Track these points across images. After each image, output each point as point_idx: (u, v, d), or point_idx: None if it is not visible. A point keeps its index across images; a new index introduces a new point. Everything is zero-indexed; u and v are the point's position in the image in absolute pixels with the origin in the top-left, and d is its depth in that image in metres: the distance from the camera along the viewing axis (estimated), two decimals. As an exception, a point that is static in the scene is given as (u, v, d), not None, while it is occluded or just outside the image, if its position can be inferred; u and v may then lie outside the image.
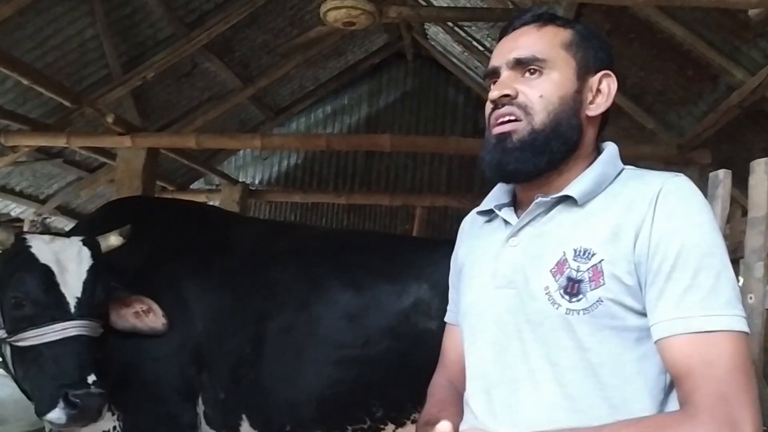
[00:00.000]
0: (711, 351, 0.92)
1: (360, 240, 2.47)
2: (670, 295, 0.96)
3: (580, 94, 1.11)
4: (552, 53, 1.11)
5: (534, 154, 1.09)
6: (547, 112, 1.09)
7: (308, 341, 2.19)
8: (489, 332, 1.11)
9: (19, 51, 3.97)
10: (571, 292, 1.01)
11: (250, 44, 5.42)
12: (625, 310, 0.99)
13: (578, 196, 1.06)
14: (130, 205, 2.70)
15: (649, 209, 1.00)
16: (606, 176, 1.09)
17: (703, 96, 3.73)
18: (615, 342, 0.99)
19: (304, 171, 7.47)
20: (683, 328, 0.94)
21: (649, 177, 1.06)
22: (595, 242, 1.02)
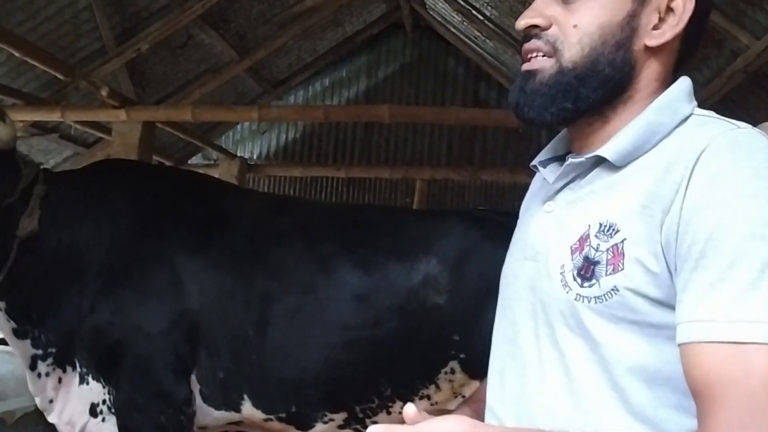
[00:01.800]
0: (737, 367, 0.70)
1: (366, 217, 2.43)
2: (696, 289, 0.74)
3: (637, 17, 0.87)
4: None
5: (554, 100, 0.89)
6: (581, 47, 0.87)
7: (316, 323, 2.17)
8: (511, 308, 0.98)
9: (10, 23, 3.90)
10: (584, 275, 0.83)
11: (245, 15, 5.34)
12: (650, 303, 0.79)
13: (614, 157, 0.85)
14: (124, 168, 2.65)
15: (686, 173, 0.76)
16: (658, 128, 0.85)
17: (707, 61, 3.68)
18: (636, 339, 0.80)
19: (302, 145, 7.43)
20: (704, 335, 0.72)
21: (706, 128, 0.81)
22: (621, 215, 0.82)
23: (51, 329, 2.24)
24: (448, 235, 2.29)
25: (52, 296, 2.23)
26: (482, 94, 7.10)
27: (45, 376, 2.26)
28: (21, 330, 2.25)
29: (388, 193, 7.21)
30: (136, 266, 2.23)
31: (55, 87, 4.63)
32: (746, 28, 3.24)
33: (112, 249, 2.24)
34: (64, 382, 2.27)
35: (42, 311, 2.23)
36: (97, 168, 2.66)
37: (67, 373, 2.26)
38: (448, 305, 2.18)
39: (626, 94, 0.89)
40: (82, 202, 2.32)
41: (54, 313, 2.23)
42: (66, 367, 2.26)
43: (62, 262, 2.24)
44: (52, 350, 2.24)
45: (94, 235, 2.27)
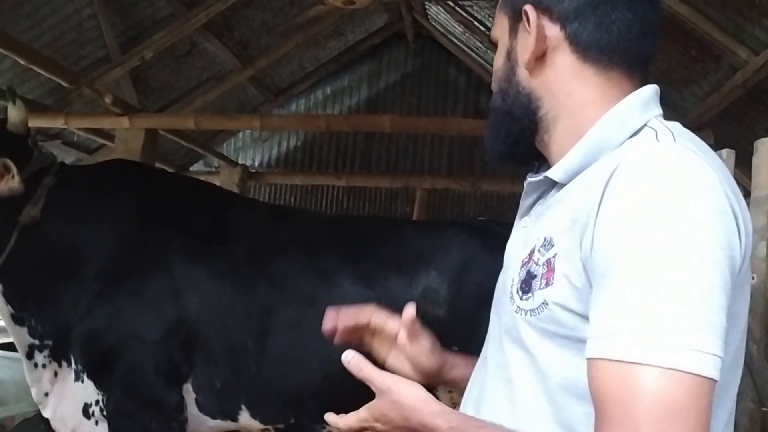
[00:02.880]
0: (623, 387, 0.69)
1: (367, 229, 2.44)
2: (598, 306, 0.74)
3: (512, 51, 0.94)
4: (500, 25, 0.98)
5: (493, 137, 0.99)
6: (498, 89, 0.97)
7: (316, 336, 2.17)
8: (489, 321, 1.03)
9: (16, 30, 3.92)
10: (524, 289, 0.85)
11: (249, 24, 5.37)
12: (576, 318, 0.79)
13: (561, 177, 0.87)
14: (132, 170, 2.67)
15: (600, 190, 0.77)
16: (604, 144, 0.84)
17: (706, 76, 3.71)
18: (567, 354, 0.80)
19: (303, 153, 7.45)
20: (600, 351, 0.72)
21: (630, 144, 0.82)
22: (556, 231, 0.83)
23: (47, 321, 2.27)
24: (448, 246, 2.30)
25: (49, 288, 2.26)
26: (483, 103, 7.13)
27: (42, 368, 2.29)
28: (18, 316, 2.29)
29: (388, 202, 7.22)
30: (136, 272, 2.24)
31: (59, 94, 4.65)
32: (745, 43, 3.27)
33: (113, 251, 2.26)
34: (60, 377, 2.29)
35: (39, 301, 2.26)
36: (106, 167, 2.69)
37: (62, 368, 2.28)
38: (448, 317, 2.19)
39: (541, 117, 0.92)
40: (87, 200, 2.36)
41: (51, 306, 2.26)
42: (62, 362, 2.28)
43: (62, 256, 2.27)
44: (48, 342, 2.27)
45: (97, 235, 2.29)
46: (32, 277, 2.26)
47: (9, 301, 2.27)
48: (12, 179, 2.15)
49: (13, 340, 2.37)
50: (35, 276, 2.26)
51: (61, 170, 2.38)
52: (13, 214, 2.21)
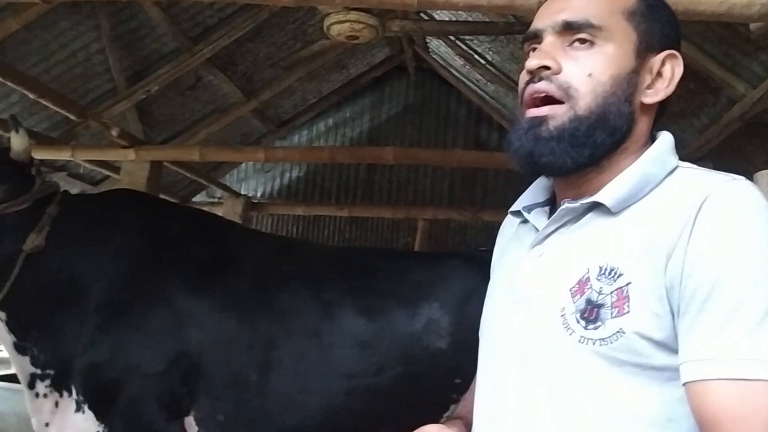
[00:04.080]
0: (746, 404, 0.72)
1: (369, 261, 2.45)
2: (703, 329, 0.76)
3: (637, 75, 0.92)
4: (611, 20, 0.91)
5: (574, 146, 0.90)
6: (594, 95, 0.90)
7: (319, 370, 2.17)
8: (499, 352, 0.97)
9: (25, 65, 4.00)
10: (588, 318, 0.84)
11: (253, 58, 5.45)
12: (653, 346, 0.80)
13: (611, 203, 0.88)
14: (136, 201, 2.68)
15: (689, 222, 0.80)
16: (650, 178, 0.89)
17: (704, 109, 3.75)
18: (638, 382, 0.81)
19: (306, 184, 7.49)
20: (714, 372, 0.74)
21: (701, 180, 0.85)
22: (624, 260, 0.84)
23: (50, 350, 2.26)
24: (450, 277, 2.31)
25: (52, 318, 2.26)
26: (483, 135, 7.19)
27: (43, 397, 2.27)
28: (21, 345, 2.28)
29: (390, 233, 7.24)
30: (138, 304, 2.24)
31: (66, 127, 4.71)
32: (742, 77, 3.32)
33: (115, 282, 2.27)
34: (61, 407, 2.27)
35: (42, 330, 2.26)
36: (110, 196, 2.70)
37: (63, 398, 2.26)
38: (450, 348, 2.19)
39: (624, 145, 0.93)
40: (91, 229, 2.37)
41: (53, 335, 2.25)
42: (63, 392, 2.26)
43: (64, 285, 2.27)
44: (50, 372, 2.26)
45: (99, 265, 2.29)
46: (36, 306, 2.26)
47: (12, 330, 2.27)
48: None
49: (15, 370, 2.36)
50: (39, 305, 2.26)
51: (65, 199, 2.39)
52: (17, 243, 2.22)
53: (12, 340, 2.28)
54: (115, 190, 2.89)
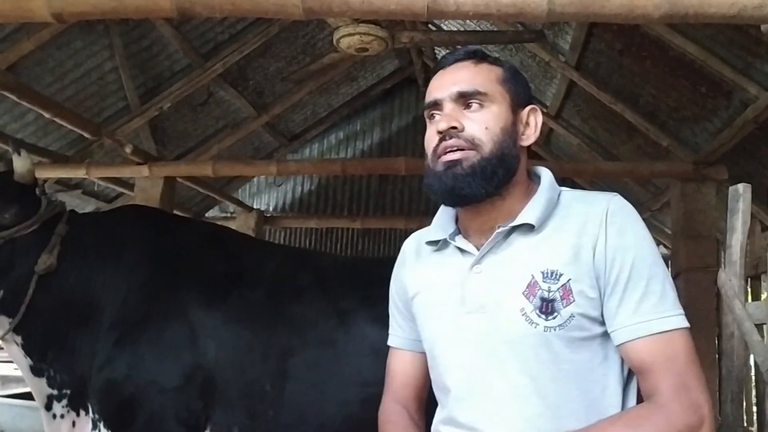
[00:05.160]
0: (669, 348, 1.07)
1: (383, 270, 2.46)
2: (629, 302, 1.09)
3: (515, 125, 1.22)
4: (491, 87, 1.21)
5: (484, 179, 1.18)
6: (493, 143, 1.18)
7: (334, 380, 2.16)
8: (466, 354, 1.19)
9: (40, 85, 4.05)
10: (546, 311, 1.11)
11: (263, 72, 5.50)
12: (591, 322, 1.11)
13: (536, 222, 1.17)
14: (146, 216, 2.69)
15: (601, 227, 1.13)
16: (552, 200, 1.20)
17: (717, 112, 3.73)
18: (585, 350, 1.12)
19: (318, 197, 7.52)
20: (645, 331, 1.08)
21: (591, 198, 1.20)
22: (560, 263, 1.12)
23: (65, 370, 2.25)
24: None
25: (67, 337, 2.26)
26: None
27: (60, 418, 2.27)
28: (37, 367, 2.27)
29: (403, 244, 7.24)
30: (153, 319, 2.23)
31: (81, 145, 4.77)
32: (754, 79, 3.30)
33: (129, 298, 2.26)
34: (78, 426, 2.26)
35: (57, 351, 2.25)
36: (120, 213, 2.71)
37: (80, 417, 2.26)
38: None
39: (514, 178, 1.21)
40: (102, 246, 2.36)
41: (68, 355, 2.25)
42: (80, 411, 2.26)
43: (78, 304, 2.27)
44: (66, 392, 2.25)
45: (112, 281, 2.29)
46: (50, 327, 2.26)
47: (28, 353, 2.27)
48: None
49: (32, 392, 2.36)
50: (53, 326, 2.26)
51: (73, 217, 2.41)
52: (29, 265, 2.22)
53: (28, 363, 2.28)
54: (126, 206, 2.90)
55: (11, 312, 2.22)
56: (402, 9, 1.89)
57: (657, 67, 3.78)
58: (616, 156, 5.22)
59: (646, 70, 3.90)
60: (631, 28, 3.57)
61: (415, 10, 1.87)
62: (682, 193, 3.87)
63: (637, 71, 3.98)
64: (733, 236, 2.23)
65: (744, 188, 2.18)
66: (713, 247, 3.78)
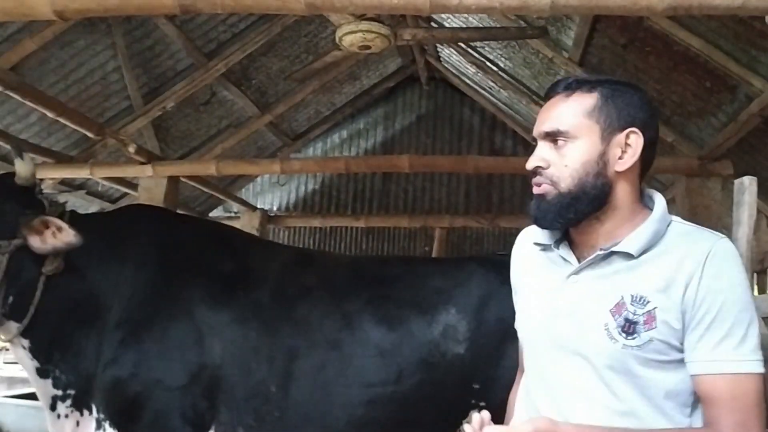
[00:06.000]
0: (738, 389, 1.16)
1: (388, 271, 2.43)
2: (709, 341, 1.17)
3: (605, 154, 1.26)
4: (576, 122, 1.26)
5: (561, 214, 1.28)
6: (572, 179, 1.26)
7: (339, 380, 2.16)
8: (550, 352, 1.32)
9: (43, 85, 4.06)
10: (627, 331, 1.21)
11: (266, 72, 5.50)
12: (670, 348, 1.20)
13: (635, 251, 1.24)
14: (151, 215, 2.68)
15: (698, 268, 1.19)
16: (659, 232, 1.25)
17: (722, 107, 3.71)
18: (660, 371, 1.21)
19: (321, 196, 7.52)
20: (718, 369, 1.17)
21: (698, 236, 1.25)
22: (650, 291, 1.21)
23: (71, 370, 2.25)
24: (467, 282, 2.29)
25: (73, 336, 2.26)
26: (498, 142, 7.19)
27: (64, 418, 2.26)
28: (43, 369, 2.27)
29: (407, 242, 7.24)
30: (159, 318, 2.24)
31: (84, 145, 4.78)
32: (759, 73, 3.28)
33: (135, 298, 2.26)
34: (82, 425, 2.26)
35: (63, 351, 2.25)
36: (124, 213, 2.71)
37: (84, 417, 2.25)
38: (468, 353, 2.17)
39: (609, 204, 1.27)
40: (107, 246, 2.36)
41: (74, 354, 2.25)
42: (83, 411, 2.25)
43: (84, 303, 2.27)
44: (71, 392, 2.25)
45: (117, 281, 2.29)
46: (57, 328, 2.26)
47: (35, 356, 2.27)
48: (60, 232, 2.17)
49: (37, 393, 2.36)
50: (60, 327, 2.26)
51: (74, 217, 2.40)
52: (37, 267, 2.22)
53: (35, 366, 2.28)
54: (130, 205, 2.90)
55: (19, 316, 2.22)
56: (404, 4, 1.88)
57: (661, 61, 3.77)
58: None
59: (650, 65, 3.89)
60: (634, 22, 3.56)
61: (417, 5, 1.86)
62: (687, 189, 3.85)
63: (641, 66, 3.96)
64: (739, 229, 2.22)
65: (750, 181, 2.16)
66: (719, 242, 3.76)
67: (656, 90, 4.07)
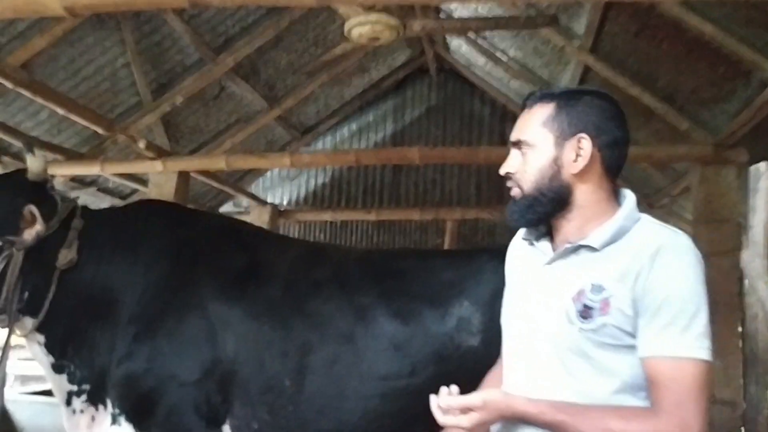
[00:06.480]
0: (680, 372, 1.26)
1: (400, 264, 2.42)
2: (654, 327, 1.29)
3: (559, 159, 1.42)
4: (534, 131, 1.45)
5: (524, 214, 1.47)
6: (530, 182, 1.44)
7: (353, 374, 2.16)
8: (524, 334, 1.48)
9: (53, 82, 4.07)
10: (584, 316, 1.34)
11: (275, 66, 5.49)
12: (623, 333, 1.32)
13: (598, 245, 1.39)
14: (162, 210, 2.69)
15: (649, 260, 1.31)
16: (623, 229, 1.39)
17: (736, 93, 3.67)
18: (613, 354, 1.34)
19: (332, 189, 7.52)
20: (660, 353, 1.28)
21: (657, 232, 1.37)
22: (608, 280, 1.34)
23: (85, 365, 2.27)
24: (480, 274, 2.28)
25: (87, 331, 2.27)
26: (509, 133, 7.09)
27: (80, 413, 2.28)
28: (58, 364, 2.29)
29: (418, 235, 7.22)
30: (172, 313, 2.24)
31: (94, 142, 4.80)
32: (773, 58, 3.24)
33: (147, 293, 2.27)
34: (97, 420, 2.27)
35: (77, 346, 2.27)
36: (136, 207, 2.72)
37: (99, 411, 2.27)
38: (482, 345, 2.16)
39: (573, 204, 1.43)
40: (120, 240, 2.37)
41: (88, 349, 2.26)
42: (98, 406, 2.27)
43: (97, 298, 2.28)
44: (86, 387, 2.27)
45: (130, 276, 2.30)
46: (71, 323, 2.27)
47: (50, 351, 2.28)
48: (37, 225, 2.18)
49: (52, 388, 2.37)
50: (74, 322, 2.27)
51: (86, 212, 2.42)
52: (50, 262, 2.23)
53: (50, 362, 2.30)
54: (142, 200, 2.91)
55: (34, 311, 2.24)
56: (413, -8, 1.86)
57: (674, 48, 3.73)
58: (634, 141, 5.15)
59: (662, 52, 3.85)
60: (646, 9, 3.52)
61: (427, -7, 1.84)
62: (702, 177, 3.81)
63: (653, 54, 3.92)
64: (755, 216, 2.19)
65: (765, 167, 2.13)
66: (735, 230, 3.72)
67: (669, 77, 4.03)
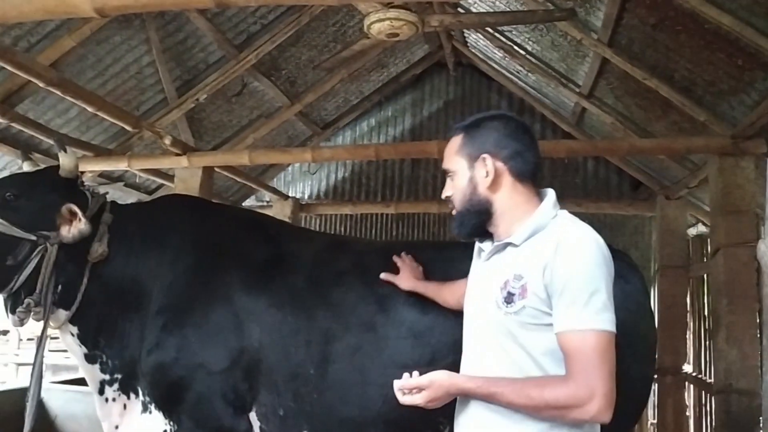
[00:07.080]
0: (582, 342, 1.49)
1: (418, 254, 2.47)
2: (561, 306, 1.52)
3: (473, 179, 1.70)
4: (451, 160, 1.75)
5: (459, 226, 1.76)
6: (458, 201, 1.73)
7: (375, 362, 2.23)
8: (472, 319, 1.77)
9: (81, 80, 4.18)
10: (507, 301, 1.59)
11: (296, 62, 5.56)
12: (541, 313, 1.56)
13: (518, 242, 1.64)
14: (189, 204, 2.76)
15: (554, 250, 1.55)
16: (539, 226, 1.63)
17: (754, 84, 3.66)
18: (535, 332, 1.57)
19: (351, 183, 7.58)
20: (567, 327, 1.51)
21: (565, 226, 1.61)
22: (525, 269, 1.59)
23: (117, 355, 2.35)
24: None
25: (117, 322, 2.35)
26: (526, 126, 7.13)
27: (112, 401, 2.37)
28: (90, 355, 2.38)
29: (437, 228, 7.26)
30: (199, 304, 2.32)
31: (121, 138, 4.90)
32: (792, 49, 3.23)
33: (175, 284, 2.35)
34: (129, 408, 2.36)
35: (109, 336, 2.35)
36: (163, 202, 2.79)
37: (131, 399, 2.36)
38: None
39: (496, 212, 1.70)
40: (147, 234, 2.44)
41: (119, 340, 2.34)
42: (130, 394, 2.36)
43: (127, 290, 2.36)
44: (117, 376, 2.35)
45: (158, 268, 2.38)
46: (102, 315, 2.35)
47: (83, 342, 2.37)
48: (79, 222, 2.27)
49: (85, 378, 2.46)
50: (105, 313, 2.35)
51: (114, 207, 2.49)
52: (82, 255, 2.32)
53: (83, 352, 2.38)
54: (169, 195, 2.97)
55: (68, 303, 2.32)
56: (433, -11, 1.91)
57: (692, 40, 3.72)
58: (651, 134, 5.15)
59: (680, 44, 3.84)
60: (664, 1, 3.52)
61: (445, -11, 1.89)
62: (720, 169, 3.81)
63: (671, 46, 3.92)
64: (771, 207, 2.21)
65: (783, 159, 2.15)
66: (753, 222, 3.73)
67: (687, 69, 4.02)
